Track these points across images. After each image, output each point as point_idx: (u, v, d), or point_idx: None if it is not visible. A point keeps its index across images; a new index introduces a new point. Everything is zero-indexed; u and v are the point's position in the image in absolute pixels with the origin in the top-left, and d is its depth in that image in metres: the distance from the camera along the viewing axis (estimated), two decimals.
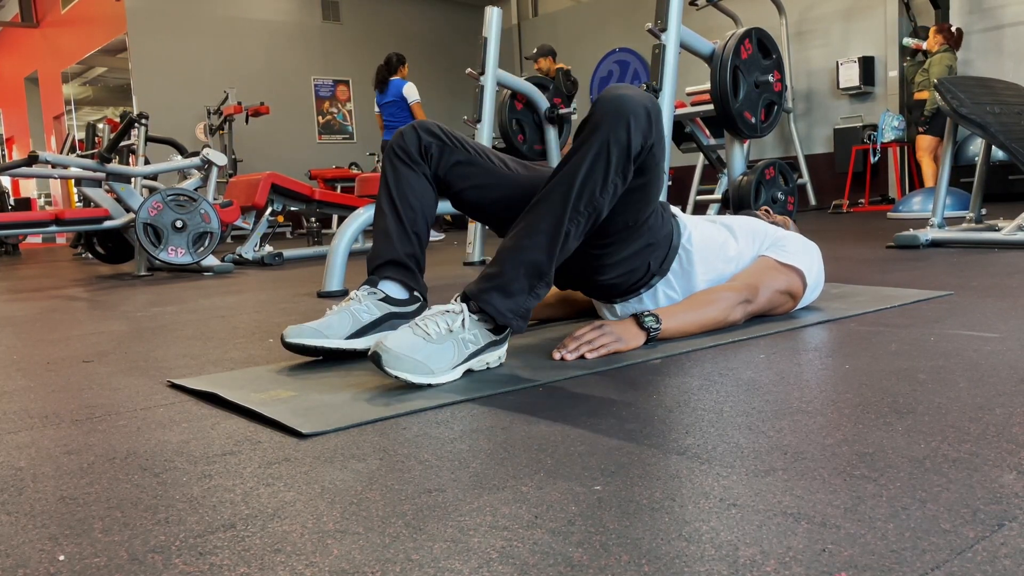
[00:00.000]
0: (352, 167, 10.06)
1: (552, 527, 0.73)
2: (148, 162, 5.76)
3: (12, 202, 9.69)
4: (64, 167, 4.43)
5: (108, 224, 4.37)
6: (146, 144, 5.78)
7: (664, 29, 3.01)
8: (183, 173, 5.74)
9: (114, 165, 4.43)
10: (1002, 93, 3.38)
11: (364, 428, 1.09)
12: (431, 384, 1.28)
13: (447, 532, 0.73)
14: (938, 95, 3.26)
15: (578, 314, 1.91)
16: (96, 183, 4.46)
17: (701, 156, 6.46)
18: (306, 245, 5.84)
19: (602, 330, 1.47)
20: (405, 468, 0.91)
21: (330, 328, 1.49)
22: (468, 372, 1.35)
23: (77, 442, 1.09)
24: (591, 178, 1.35)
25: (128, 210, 4.39)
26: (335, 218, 7.87)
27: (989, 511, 0.71)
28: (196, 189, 4.58)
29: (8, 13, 13.28)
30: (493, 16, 3.80)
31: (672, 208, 1.70)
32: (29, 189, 13.65)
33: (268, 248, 4.94)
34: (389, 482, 0.87)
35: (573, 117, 4.50)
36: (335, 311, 1.53)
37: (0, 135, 15.01)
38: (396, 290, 1.55)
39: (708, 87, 3.45)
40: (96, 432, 1.14)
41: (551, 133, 4.48)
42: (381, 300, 1.53)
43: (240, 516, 0.79)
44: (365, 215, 2.97)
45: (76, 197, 9.30)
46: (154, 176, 5.64)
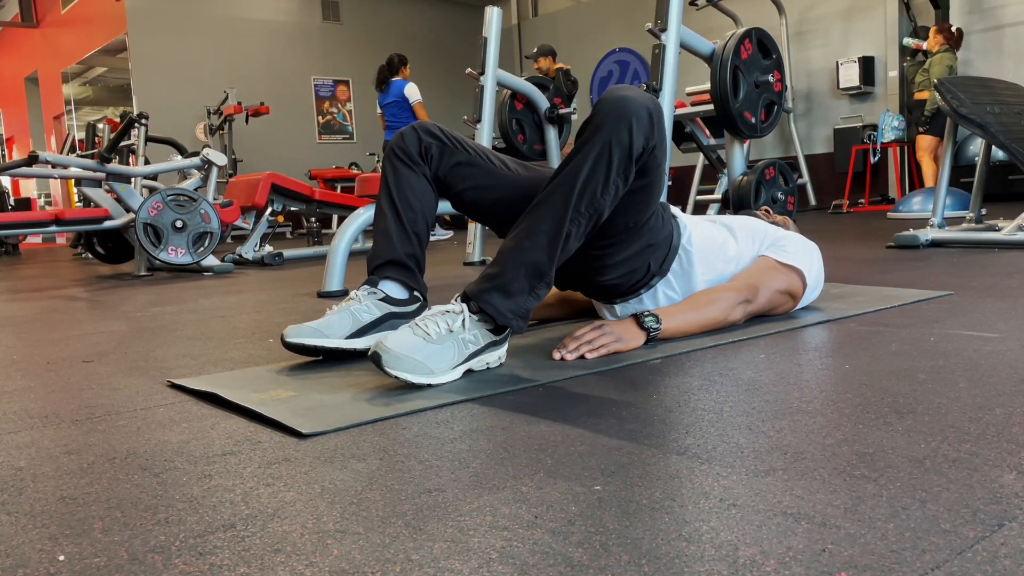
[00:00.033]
0: (352, 167, 10.06)
1: (552, 527, 0.73)
2: (148, 162, 5.76)
3: (12, 202, 9.70)
4: (64, 167, 4.43)
5: (108, 224, 4.37)
6: (146, 144, 5.78)
7: (664, 29, 3.01)
8: (183, 173, 5.74)
9: (114, 165, 4.43)
10: (1002, 93, 3.38)
11: (364, 428, 1.09)
12: (431, 384, 1.28)
13: (447, 532, 0.73)
14: (938, 95, 3.26)
15: (578, 314, 1.91)
16: (96, 183, 4.46)
17: (701, 156, 6.46)
18: (306, 245, 5.84)
19: (602, 330, 1.47)
20: (405, 468, 0.91)
21: (330, 328, 1.49)
22: (468, 372, 1.35)
23: (77, 442, 1.09)
24: (592, 179, 1.35)
25: (128, 210, 4.39)
26: (335, 218, 7.87)
27: (989, 511, 0.71)
28: (196, 189, 4.58)
29: (8, 13, 13.28)
30: (493, 16, 3.80)
31: (672, 208, 1.70)
32: (29, 189, 13.65)
33: (268, 248, 4.94)
34: (389, 482, 0.87)
35: (573, 117, 4.49)
36: (335, 311, 1.53)
37: (0, 135, 15.01)
38: (396, 290, 1.55)
39: (708, 87, 3.45)
40: (96, 432, 1.14)
41: (551, 133, 4.48)
42: (381, 300, 1.53)
43: (240, 516, 0.79)
44: (365, 215, 2.97)
45: (76, 197, 9.30)
46: (154, 176, 5.64)
